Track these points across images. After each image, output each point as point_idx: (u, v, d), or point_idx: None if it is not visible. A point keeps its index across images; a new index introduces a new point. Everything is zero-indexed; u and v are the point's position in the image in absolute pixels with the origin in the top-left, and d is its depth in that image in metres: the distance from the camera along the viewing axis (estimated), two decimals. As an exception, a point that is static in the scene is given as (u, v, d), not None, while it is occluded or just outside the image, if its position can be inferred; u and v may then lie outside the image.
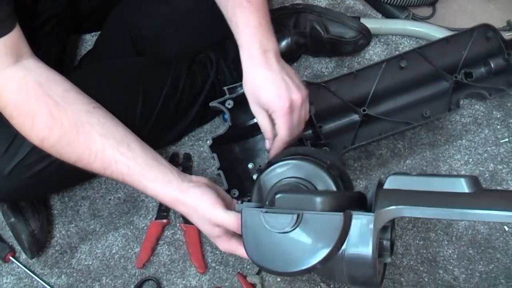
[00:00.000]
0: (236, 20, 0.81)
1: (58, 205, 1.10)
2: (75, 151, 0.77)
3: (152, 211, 1.09)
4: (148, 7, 1.07)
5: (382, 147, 1.14)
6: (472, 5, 1.28)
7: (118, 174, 0.77)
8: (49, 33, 1.00)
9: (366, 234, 0.61)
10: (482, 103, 1.19)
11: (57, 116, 0.75)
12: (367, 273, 0.62)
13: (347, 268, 0.63)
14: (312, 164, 0.74)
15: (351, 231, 0.62)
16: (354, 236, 0.62)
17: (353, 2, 1.31)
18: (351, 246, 0.62)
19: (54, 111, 0.75)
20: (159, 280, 1.03)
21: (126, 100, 0.95)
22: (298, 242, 0.64)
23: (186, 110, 1.06)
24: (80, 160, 0.77)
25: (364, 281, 0.63)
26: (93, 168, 0.78)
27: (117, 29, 1.10)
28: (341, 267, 0.63)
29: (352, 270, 0.63)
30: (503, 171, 1.12)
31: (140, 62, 1.06)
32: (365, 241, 0.61)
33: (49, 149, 0.78)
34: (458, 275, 1.03)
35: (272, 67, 0.79)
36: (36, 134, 0.77)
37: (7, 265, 1.05)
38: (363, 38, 1.17)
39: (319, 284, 1.01)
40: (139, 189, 0.78)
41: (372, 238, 0.61)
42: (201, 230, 0.79)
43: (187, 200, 0.76)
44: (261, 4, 0.81)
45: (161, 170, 0.77)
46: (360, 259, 0.61)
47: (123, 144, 0.77)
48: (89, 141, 0.76)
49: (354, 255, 0.62)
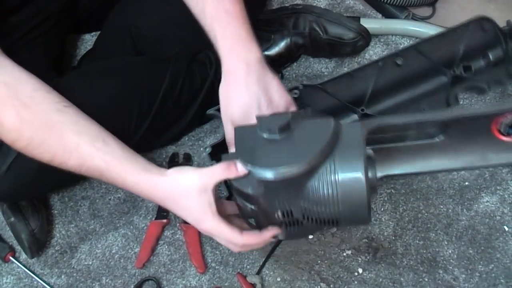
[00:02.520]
0: (214, 33, 0.78)
1: (58, 205, 1.10)
2: (48, 150, 0.75)
3: (152, 211, 1.09)
4: (148, 6, 1.07)
5: (382, 147, 1.14)
6: (472, 5, 1.28)
7: (95, 170, 0.75)
8: (47, 32, 1.00)
9: (355, 138, 0.67)
10: (482, 102, 1.18)
11: (26, 117, 0.74)
12: (359, 186, 0.66)
13: (339, 189, 0.66)
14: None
15: (341, 136, 0.68)
16: (345, 141, 0.67)
17: (353, 2, 1.31)
18: (341, 153, 0.66)
19: (22, 112, 0.74)
20: (159, 280, 1.03)
21: (123, 98, 0.95)
22: (292, 143, 0.68)
23: (185, 109, 1.06)
24: (55, 159, 0.76)
25: (357, 202, 0.67)
26: (69, 166, 0.76)
27: (117, 29, 1.10)
28: (332, 189, 0.66)
29: (345, 188, 0.66)
30: (503, 171, 1.12)
31: (137, 61, 1.06)
32: (355, 146, 0.66)
33: (22, 150, 0.77)
34: (458, 275, 1.03)
35: (248, 82, 0.75)
36: (6, 137, 0.76)
37: (7, 265, 1.05)
38: (362, 40, 1.18)
39: (319, 284, 1.02)
40: (117, 183, 0.76)
41: (361, 141, 0.67)
42: (187, 215, 0.75)
43: (168, 180, 0.74)
44: (239, 12, 0.78)
45: (139, 162, 0.76)
46: (350, 167, 0.66)
47: (98, 139, 0.76)
48: (62, 139, 0.75)
49: (344, 162, 0.66)
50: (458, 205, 1.08)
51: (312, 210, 0.69)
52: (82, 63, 1.19)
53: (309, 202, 0.68)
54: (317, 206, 0.68)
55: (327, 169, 0.67)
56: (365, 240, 1.05)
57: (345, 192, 0.67)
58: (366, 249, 1.05)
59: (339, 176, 0.67)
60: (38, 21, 0.97)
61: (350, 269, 1.03)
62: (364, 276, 1.02)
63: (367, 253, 1.04)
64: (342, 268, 1.03)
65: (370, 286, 1.02)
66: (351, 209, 0.68)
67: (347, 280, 1.02)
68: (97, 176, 0.77)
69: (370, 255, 1.04)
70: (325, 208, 0.68)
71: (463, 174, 1.11)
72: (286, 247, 1.05)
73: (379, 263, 1.03)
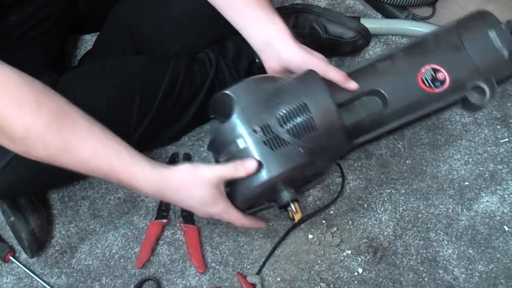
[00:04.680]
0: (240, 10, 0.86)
1: (58, 205, 1.10)
2: (63, 136, 0.73)
3: (152, 211, 1.09)
4: (148, 6, 1.07)
5: (382, 147, 1.14)
6: (472, 5, 1.28)
7: (105, 162, 0.75)
8: (47, 32, 1.00)
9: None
10: (482, 103, 1.19)
11: (43, 102, 0.72)
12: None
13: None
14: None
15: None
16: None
17: (353, 2, 1.31)
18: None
19: (39, 97, 0.72)
20: (159, 280, 1.03)
21: (123, 97, 0.95)
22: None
23: (185, 109, 1.06)
24: (67, 147, 0.74)
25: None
26: (80, 158, 0.74)
27: (117, 29, 1.10)
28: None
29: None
30: (503, 171, 1.12)
31: (137, 60, 1.06)
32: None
33: (38, 136, 0.72)
34: (458, 275, 1.03)
35: (298, 42, 0.86)
36: (22, 120, 0.71)
37: (7, 265, 1.05)
38: (362, 39, 1.18)
39: (319, 284, 1.02)
40: (126, 174, 0.76)
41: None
42: (197, 201, 0.82)
43: (184, 172, 0.79)
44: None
45: (144, 156, 0.79)
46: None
47: (106, 130, 0.76)
48: (75, 125, 0.74)
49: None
50: (458, 205, 1.09)
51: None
52: (82, 63, 1.19)
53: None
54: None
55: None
56: (365, 240, 1.05)
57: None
58: (366, 249, 1.05)
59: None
60: (37, 21, 0.97)
61: (350, 269, 1.03)
62: (364, 276, 1.02)
63: (367, 253, 1.04)
64: (342, 268, 1.03)
65: (370, 286, 1.02)
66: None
67: (347, 280, 1.02)
68: (104, 169, 0.76)
69: (370, 255, 1.04)
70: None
71: (463, 174, 1.11)
72: (286, 247, 1.05)
73: (379, 263, 1.03)
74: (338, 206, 1.09)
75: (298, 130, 0.79)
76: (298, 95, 0.80)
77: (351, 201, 1.09)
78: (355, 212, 1.08)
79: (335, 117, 0.81)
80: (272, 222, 1.07)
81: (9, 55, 0.79)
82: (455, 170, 1.12)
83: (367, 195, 1.09)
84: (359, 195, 1.09)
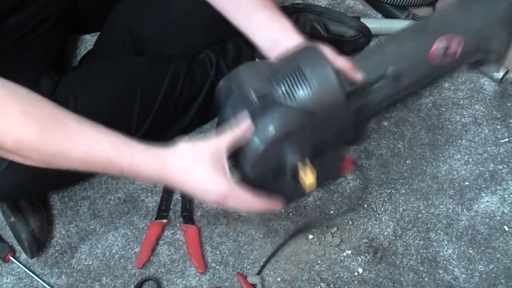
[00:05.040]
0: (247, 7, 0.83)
1: (58, 205, 1.10)
2: (55, 139, 0.71)
3: (152, 211, 1.09)
4: (148, 7, 1.07)
5: (382, 147, 1.14)
6: (472, 5, 1.28)
7: (101, 157, 0.73)
8: (47, 32, 1.00)
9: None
10: (482, 103, 1.19)
11: (31, 111, 0.70)
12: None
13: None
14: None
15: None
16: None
17: (353, 2, 1.31)
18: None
19: (26, 108, 0.70)
20: (159, 280, 1.03)
21: (124, 98, 0.95)
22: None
23: (185, 109, 1.06)
24: (61, 150, 0.72)
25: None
26: (75, 157, 0.73)
27: (117, 29, 1.10)
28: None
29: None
30: (503, 171, 1.12)
31: (138, 61, 1.06)
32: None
33: (29, 147, 0.71)
34: (458, 275, 1.03)
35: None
36: (11, 134, 0.69)
37: (7, 265, 1.05)
38: (363, 37, 1.18)
39: (319, 284, 1.02)
40: (124, 167, 0.74)
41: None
42: (202, 182, 0.75)
43: (179, 155, 0.73)
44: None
45: (142, 142, 0.75)
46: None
47: (99, 126, 0.73)
48: (65, 126, 0.72)
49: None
50: (458, 205, 1.09)
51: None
52: (82, 63, 1.19)
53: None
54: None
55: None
56: (365, 240, 1.05)
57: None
58: (366, 249, 1.05)
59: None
60: (38, 21, 0.97)
61: (350, 269, 1.03)
62: (364, 276, 1.02)
63: (367, 253, 1.04)
64: (342, 268, 1.03)
65: (370, 286, 1.02)
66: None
67: (347, 280, 1.02)
68: (103, 164, 0.73)
69: (370, 255, 1.04)
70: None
71: (463, 174, 1.11)
72: (286, 247, 1.05)
73: (379, 263, 1.03)
74: (338, 206, 1.09)
75: (293, 92, 0.76)
76: (292, 60, 0.79)
77: (351, 201, 1.09)
78: (355, 212, 1.08)
79: (333, 79, 0.78)
80: (272, 222, 1.07)
81: (10, 56, 0.78)
82: (455, 170, 1.12)
83: (367, 195, 1.09)
84: (359, 195, 1.09)
